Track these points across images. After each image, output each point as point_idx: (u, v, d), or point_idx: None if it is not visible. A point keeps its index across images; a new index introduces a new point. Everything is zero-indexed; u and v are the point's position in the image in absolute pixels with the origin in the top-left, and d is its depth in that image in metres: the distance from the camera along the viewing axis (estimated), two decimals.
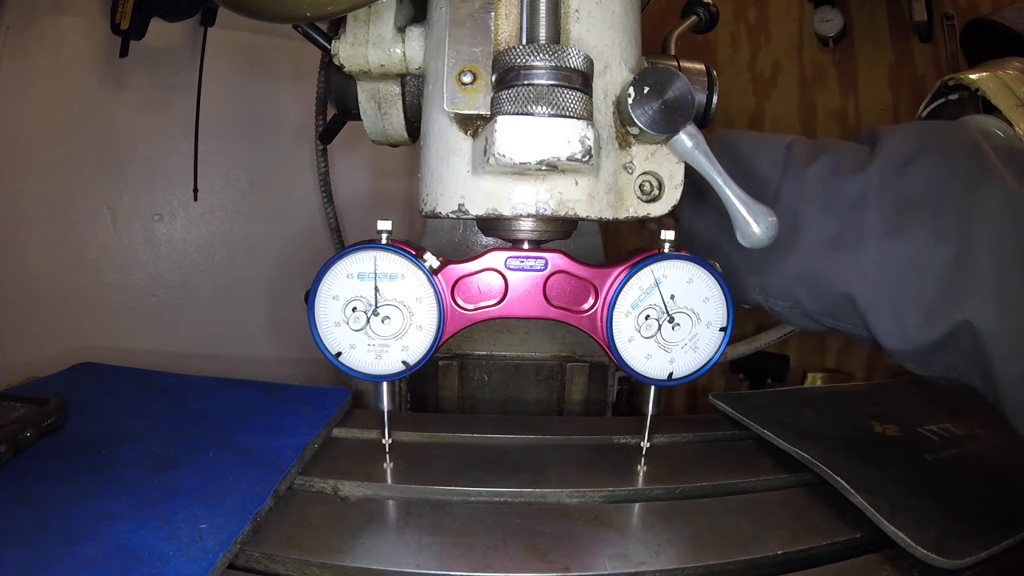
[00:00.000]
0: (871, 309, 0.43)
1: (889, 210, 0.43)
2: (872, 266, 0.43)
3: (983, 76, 0.66)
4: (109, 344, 1.17)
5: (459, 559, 0.36)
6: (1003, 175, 0.40)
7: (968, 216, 0.40)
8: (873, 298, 0.43)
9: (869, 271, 0.43)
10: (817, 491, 0.46)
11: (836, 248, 0.44)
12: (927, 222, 0.41)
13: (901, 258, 0.42)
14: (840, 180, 0.45)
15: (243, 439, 0.48)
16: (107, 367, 0.63)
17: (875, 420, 0.55)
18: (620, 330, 0.43)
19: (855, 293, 0.44)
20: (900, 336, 0.42)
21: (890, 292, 0.42)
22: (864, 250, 0.43)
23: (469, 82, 0.38)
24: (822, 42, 1.23)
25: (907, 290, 0.42)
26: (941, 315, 0.40)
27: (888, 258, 0.42)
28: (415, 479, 0.44)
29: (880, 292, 0.43)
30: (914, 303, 0.41)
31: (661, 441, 0.52)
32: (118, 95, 1.14)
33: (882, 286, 0.42)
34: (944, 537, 0.38)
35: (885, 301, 0.43)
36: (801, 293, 0.47)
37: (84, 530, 0.36)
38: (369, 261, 0.41)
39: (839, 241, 0.44)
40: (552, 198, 0.40)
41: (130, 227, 1.19)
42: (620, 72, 0.42)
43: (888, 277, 0.42)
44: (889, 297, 0.42)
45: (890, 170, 0.44)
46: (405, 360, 0.43)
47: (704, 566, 0.37)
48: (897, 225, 0.42)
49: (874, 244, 0.43)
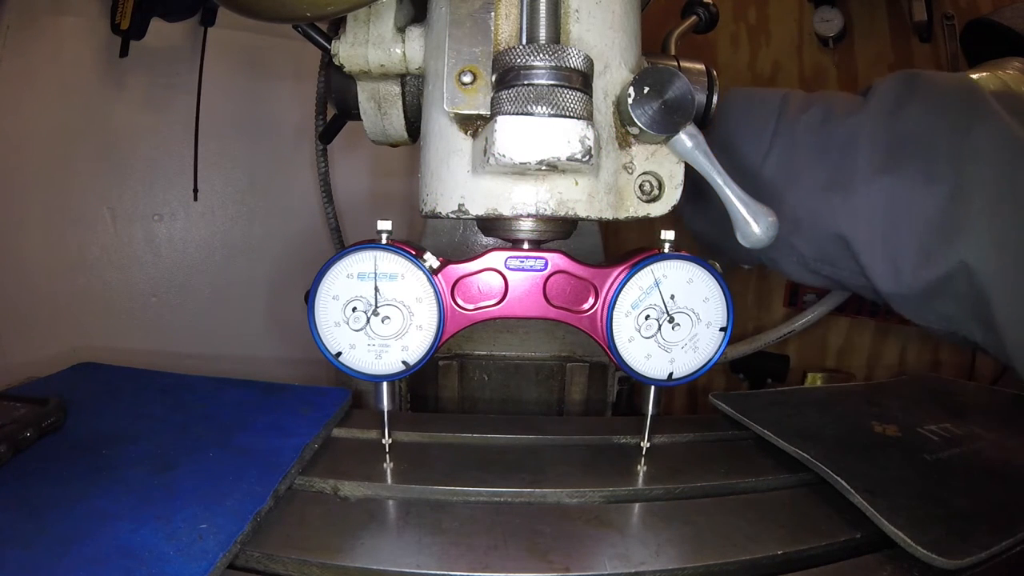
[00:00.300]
0: (865, 250, 0.43)
1: (880, 151, 0.42)
2: (864, 206, 0.42)
3: (983, 76, 0.66)
4: (109, 344, 1.17)
5: (459, 559, 0.36)
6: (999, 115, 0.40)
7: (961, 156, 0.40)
8: (866, 239, 0.43)
9: (861, 211, 0.42)
10: (817, 491, 0.46)
11: (829, 190, 0.44)
12: (919, 162, 0.41)
13: (892, 198, 0.41)
14: (832, 124, 0.45)
15: (243, 439, 0.48)
16: (107, 367, 0.63)
17: (875, 420, 0.55)
18: (620, 330, 0.43)
19: (848, 234, 0.43)
20: (894, 278, 0.42)
21: (883, 232, 0.42)
22: (855, 191, 0.43)
23: (469, 82, 0.38)
24: (822, 42, 1.23)
25: (900, 230, 0.41)
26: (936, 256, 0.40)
27: (879, 198, 0.42)
28: (415, 479, 0.44)
29: (873, 232, 0.42)
30: (908, 243, 0.41)
31: (661, 441, 0.52)
32: (118, 95, 1.14)
33: (874, 226, 0.42)
34: (944, 537, 0.38)
35: (878, 241, 0.42)
36: (798, 240, 0.47)
37: (84, 530, 0.36)
38: (369, 261, 0.42)
39: (831, 183, 0.44)
40: (552, 198, 0.40)
41: (130, 227, 1.19)
42: (620, 72, 0.42)
43: (880, 217, 0.42)
44: (882, 237, 0.42)
45: (882, 113, 0.43)
46: (405, 360, 0.43)
47: (704, 566, 0.37)
48: (888, 165, 0.42)
49: (864, 184, 0.42)
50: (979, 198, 0.39)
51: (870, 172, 0.42)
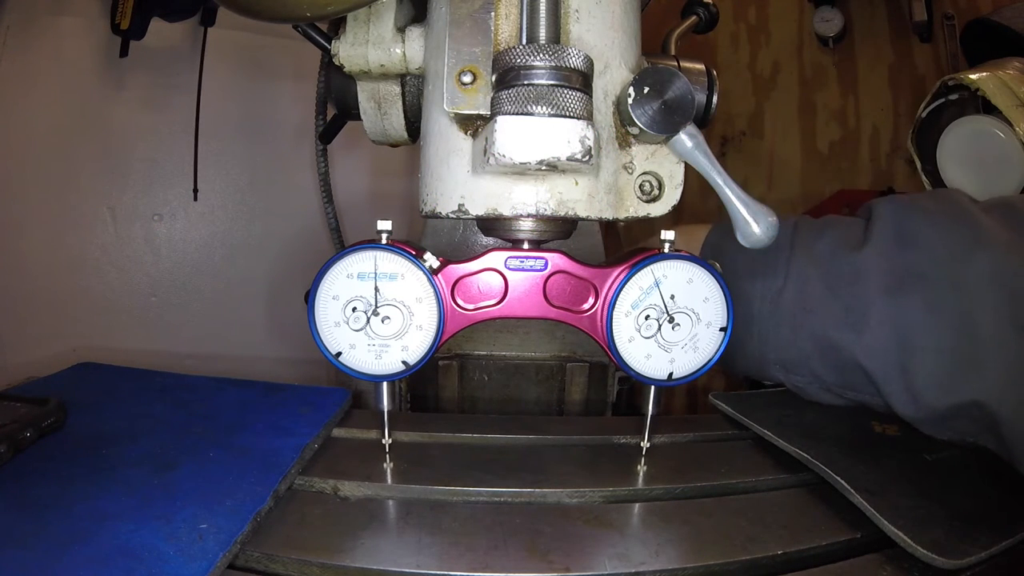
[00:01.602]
0: (883, 382, 0.45)
1: (887, 285, 0.44)
2: (878, 342, 0.44)
3: (983, 76, 0.66)
4: (109, 344, 1.17)
5: (459, 559, 0.36)
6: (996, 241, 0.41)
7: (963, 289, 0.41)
8: (883, 371, 0.44)
9: (876, 347, 0.44)
10: (817, 491, 0.45)
11: (844, 325, 0.46)
12: (925, 293, 0.42)
13: (903, 331, 0.43)
14: (840, 258, 0.47)
15: (243, 439, 0.48)
16: (107, 367, 0.62)
17: (875, 420, 0.55)
18: (620, 330, 0.43)
19: (867, 367, 0.45)
20: (914, 406, 0.44)
21: (899, 366, 0.44)
22: (869, 327, 0.44)
23: (469, 82, 0.38)
24: (822, 42, 1.23)
25: (915, 361, 0.43)
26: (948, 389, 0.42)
27: (891, 333, 0.44)
28: (415, 479, 0.44)
29: (888, 365, 0.44)
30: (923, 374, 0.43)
31: (661, 441, 0.52)
32: (118, 95, 1.14)
33: (890, 359, 0.44)
34: (944, 537, 0.38)
35: (895, 374, 0.44)
36: (818, 367, 0.49)
37: (84, 530, 0.36)
38: (369, 261, 0.41)
39: (846, 318, 0.46)
40: (552, 198, 0.40)
41: (130, 227, 1.19)
42: (620, 72, 0.42)
43: (894, 352, 0.44)
44: (898, 370, 0.44)
45: (885, 247, 0.45)
46: (405, 360, 0.43)
47: (704, 566, 0.37)
48: (897, 301, 0.43)
49: (877, 321, 0.44)
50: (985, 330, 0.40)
51: (880, 306, 0.44)
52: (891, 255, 0.45)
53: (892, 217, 0.46)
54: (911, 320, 0.43)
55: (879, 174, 1.29)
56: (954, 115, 0.70)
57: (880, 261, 0.45)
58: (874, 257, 0.45)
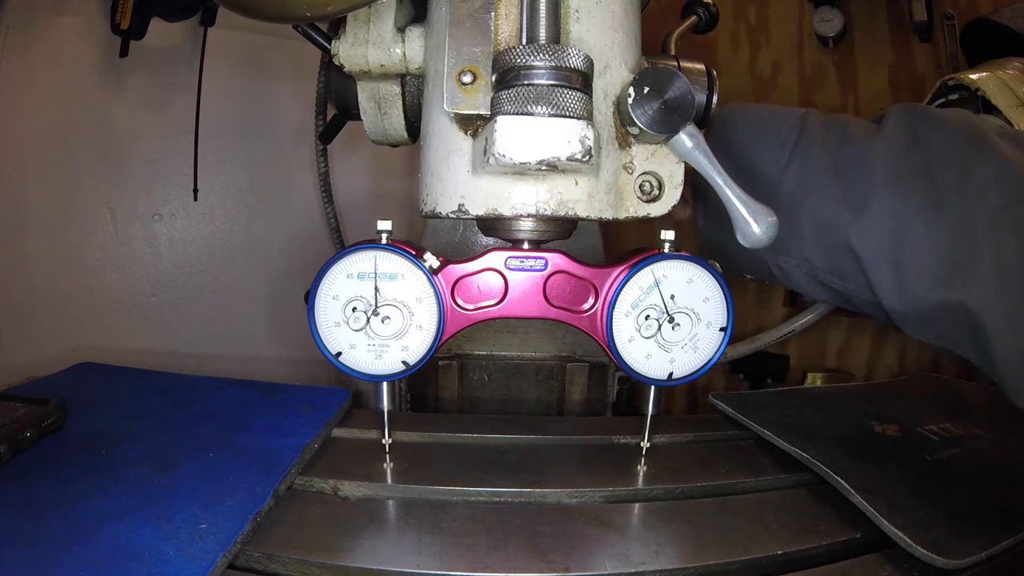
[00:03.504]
0: (873, 268, 0.45)
1: (893, 176, 0.44)
2: (875, 225, 0.44)
3: (983, 76, 0.66)
4: (109, 344, 1.17)
5: (459, 559, 0.36)
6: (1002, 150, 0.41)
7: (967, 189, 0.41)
8: (875, 258, 0.45)
9: (872, 232, 0.44)
10: (817, 491, 0.46)
11: (843, 208, 0.46)
12: (928, 191, 0.43)
13: (901, 223, 0.43)
14: (850, 146, 0.47)
15: (243, 439, 0.48)
16: (107, 367, 0.63)
17: (875, 420, 0.55)
18: (620, 330, 0.43)
19: (859, 249, 0.45)
20: (899, 296, 0.44)
21: (891, 254, 0.44)
22: (868, 209, 0.45)
23: (469, 82, 0.38)
24: (822, 42, 1.23)
25: (907, 253, 0.43)
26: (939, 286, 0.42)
27: (889, 219, 0.44)
28: (415, 479, 0.44)
29: (881, 253, 0.44)
30: (913, 268, 0.43)
31: (661, 441, 0.52)
32: (118, 95, 1.14)
33: (883, 245, 0.44)
34: (944, 537, 0.38)
35: (886, 262, 0.44)
36: (810, 250, 0.48)
37: (84, 530, 0.36)
38: (369, 261, 0.41)
39: (846, 201, 0.46)
40: (552, 198, 0.40)
41: (130, 227, 1.19)
42: (620, 72, 0.42)
43: (889, 239, 0.44)
44: (890, 258, 0.44)
45: (896, 141, 0.45)
46: (405, 360, 0.43)
47: (704, 566, 0.37)
48: (899, 191, 0.44)
49: (877, 207, 0.44)
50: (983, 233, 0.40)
51: (883, 194, 0.44)
52: (900, 150, 0.45)
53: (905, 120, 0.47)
54: (910, 212, 0.43)
55: None
56: None
57: (888, 154, 0.45)
58: (883, 150, 0.45)
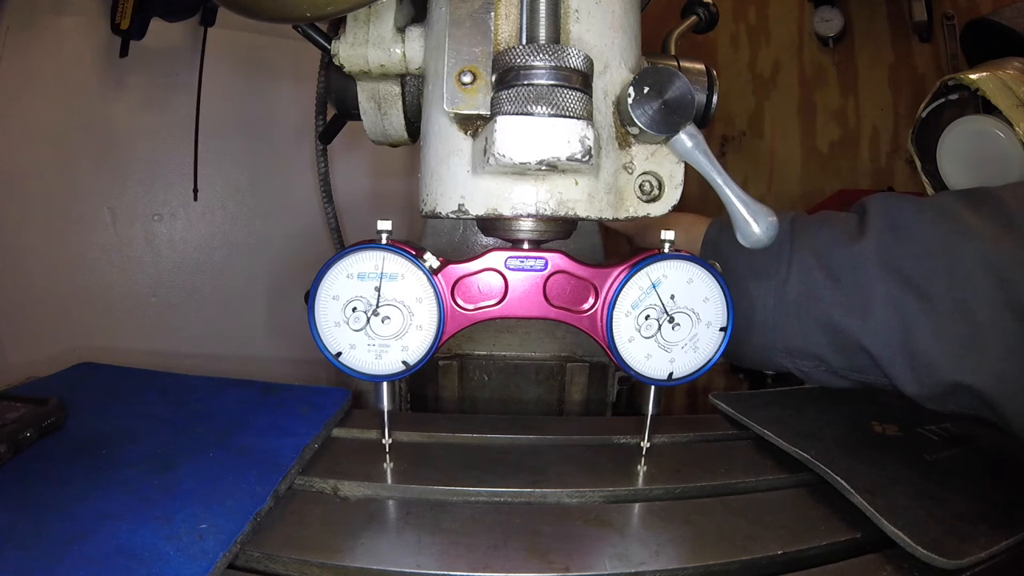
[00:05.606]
0: (887, 362, 0.47)
1: (887, 272, 0.47)
2: (883, 328, 0.47)
3: (983, 76, 0.66)
4: (109, 344, 1.17)
5: (459, 559, 0.36)
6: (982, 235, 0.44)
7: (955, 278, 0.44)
8: (888, 352, 0.47)
9: (881, 332, 0.47)
10: (817, 491, 0.45)
11: (849, 314, 0.48)
12: (920, 283, 0.45)
13: (905, 316, 0.46)
14: (841, 247, 0.49)
15: (243, 439, 0.48)
16: (107, 367, 0.62)
17: (875, 420, 0.55)
18: (620, 330, 0.43)
19: (872, 350, 0.47)
20: (916, 383, 0.46)
21: (901, 346, 0.46)
22: (873, 315, 0.47)
23: (469, 82, 0.38)
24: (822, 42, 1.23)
25: (916, 344, 0.45)
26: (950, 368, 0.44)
27: (894, 317, 0.46)
28: (415, 479, 0.44)
29: (892, 346, 0.47)
30: (924, 356, 0.45)
31: (661, 441, 0.52)
32: (118, 95, 1.14)
33: (893, 341, 0.46)
34: (944, 537, 0.38)
35: (898, 353, 0.46)
36: (825, 352, 0.51)
37: (84, 530, 0.36)
38: (369, 261, 0.41)
39: (851, 308, 0.48)
40: (552, 198, 0.40)
41: (130, 227, 1.19)
42: (620, 72, 0.42)
43: (898, 334, 0.46)
44: (901, 350, 0.46)
45: (881, 236, 0.48)
46: (405, 360, 0.43)
47: (704, 566, 0.37)
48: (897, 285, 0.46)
49: (880, 308, 0.47)
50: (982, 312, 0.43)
51: (883, 294, 0.47)
52: (887, 244, 0.47)
53: (884, 211, 0.49)
54: (911, 303, 0.45)
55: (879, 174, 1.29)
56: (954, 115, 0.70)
57: (878, 250, 0.47)
58: (872, 246, 0.48)
